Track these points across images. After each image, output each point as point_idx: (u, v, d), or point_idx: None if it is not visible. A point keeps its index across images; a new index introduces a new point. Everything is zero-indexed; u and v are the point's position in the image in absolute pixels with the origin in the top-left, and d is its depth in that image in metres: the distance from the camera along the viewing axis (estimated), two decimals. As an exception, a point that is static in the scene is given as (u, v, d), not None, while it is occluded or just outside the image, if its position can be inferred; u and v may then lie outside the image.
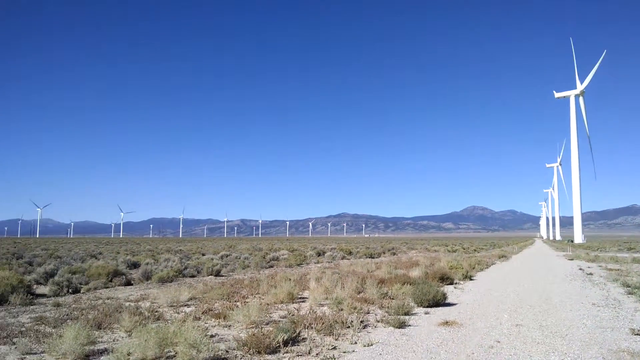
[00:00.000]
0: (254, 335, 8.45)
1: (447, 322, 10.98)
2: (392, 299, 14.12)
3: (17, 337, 9.31)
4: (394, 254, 49.19)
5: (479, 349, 8.61)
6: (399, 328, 10.40)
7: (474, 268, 26.01)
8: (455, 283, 19.64)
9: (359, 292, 14.86)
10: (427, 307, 13.17)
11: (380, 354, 8.18)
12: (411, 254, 46.52)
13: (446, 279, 19.28)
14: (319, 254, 42.39)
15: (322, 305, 13.25)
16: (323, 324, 10.00)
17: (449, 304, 13.89)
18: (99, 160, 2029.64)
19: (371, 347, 8.71)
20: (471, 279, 21.50)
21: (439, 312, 12.56)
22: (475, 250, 58.85)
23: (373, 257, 41.17)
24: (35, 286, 18.06)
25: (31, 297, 15.20)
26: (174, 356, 7.63)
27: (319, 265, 31.06)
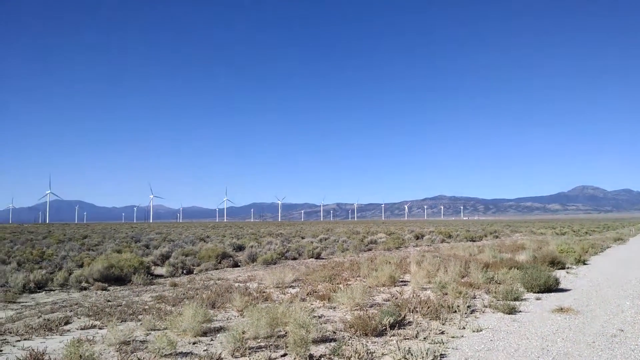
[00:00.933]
0: (359, 317, 8.51)
1: (561, 309, 10.35)
2: (499, 283, 13.57)
3: (141, 314, 10.15)
4: (497, 237, 47.27)
5: (600, 337, 8.04)
6: (509, 314, 9.97)
7: (587, 252, 24.24)
8: (567, 267, 18.45)
9: (463, 277, 14.44)
10: (538, 292, 12.49)
11: (492, 340, 7.90)
12: (515, 237, 44.44)
13: (557, 264, 18.17)
14: (417, 237, 41.81)
15: (425, 289, 13.05)
16: (428, 308, 9.85)
17: (562, 290, 13.07)
18: (204, 149, 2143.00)
19: (480, 332, 8.44)
20: (585, 264, 20.10)
21: (552, 298, 11.88)
22: (586, 232, 54.92)
23: (474, 241, 39.86)
24: (153, 267, 19.52)
25: (151, 277, 16.52)
26: (284, 335, 7.88)
27: (417, 248, 30.65)
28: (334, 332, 8.35)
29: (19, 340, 8.28)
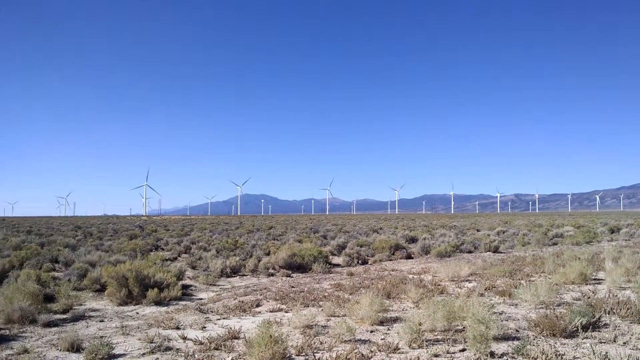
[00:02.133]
0: (546, 316, 7.88)
1: None
2: None
3: (322, 300, 10.72)
4: None
5: None
6: None
7: None
8: None
9: (673, 276, 12.48)
10: None
11: None
12: None
13: None
14: (611, 231, 37.27)
15: (623, 288, 11.57)
16: (628, 309, 8.71)
17: None
18: (376, 143, 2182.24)
19: (699, 342, 7.21)
20: None
21: None
22: None
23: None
24: (331, 257, 20.47)
25: (329, 266, 17.36)
26: (462, 330, 7.66)
27: (613, 243, 27.30)
28: (517, 330, 7.87)
29: (219, 319, 9.35)
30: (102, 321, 9.66)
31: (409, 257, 21.15)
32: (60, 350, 7.33)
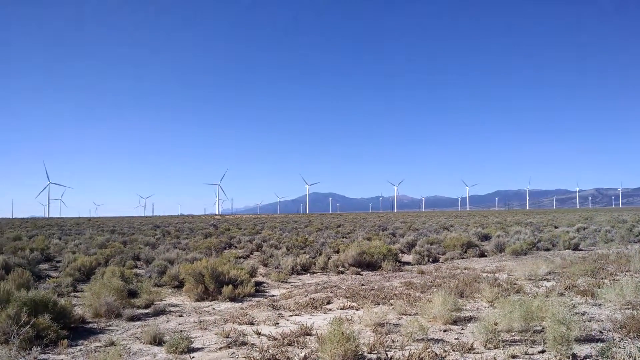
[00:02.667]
0: (632, 317, 7.42)
1: None
2: None
3: (392, 298, 10.65)
4: None
5: None
6: None
7: None
8: None
9: None
10: None
11: None
12: None
13: None
14: None
15: None
16: None
17: None
18: (447, 138, 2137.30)
19: None
20: None
21: None
22: None
23: None
24: (400, 255, 20.25)
25: (398, 264, 17.21)
26: (541, 331, 7.35)
27: None
28: (601, 332, 7.44)
29: (291, 316, 9.52)
30: (181, 316, 10.12)
31: (482, 255, 20.54)
32: (144, 344, 7.74)
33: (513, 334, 7.40)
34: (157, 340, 7.68)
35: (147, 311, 10.51)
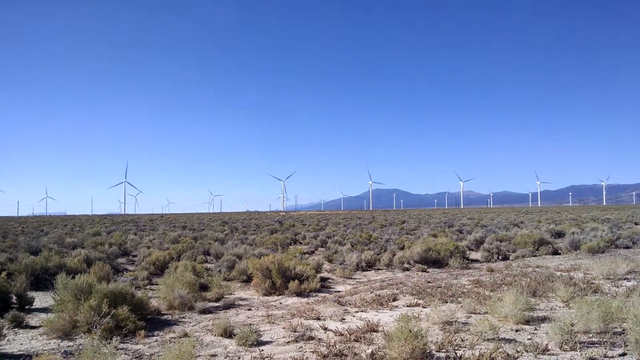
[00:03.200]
0: None
1: None
2: None
3: (460, 297, 10.40)
4: None
5: None
6: None
7: None
8: None
9: None
10: None
11: None
12: None
13: None
14: None
15: None
16: None
17: None
18: (512, 131, 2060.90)
19: None
20: None
21: None
22: None
23: None
24: (467, 252, 19.76)
25: (466, 261, 16.78)
26: (621, 333, 6.96)
27: None
28: (691, 336, 6.94)
29: (357, 312, 9.53)
30: (249, 309, 10.38)
31: (555, 253, 19.65)
32: (215, 336, 8.00)
33: (591, 335, 7.06)
34: (228, 333, 7.92)
35: (217, 304, 10.86)
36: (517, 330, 7.59)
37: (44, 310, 10.70)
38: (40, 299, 11.82)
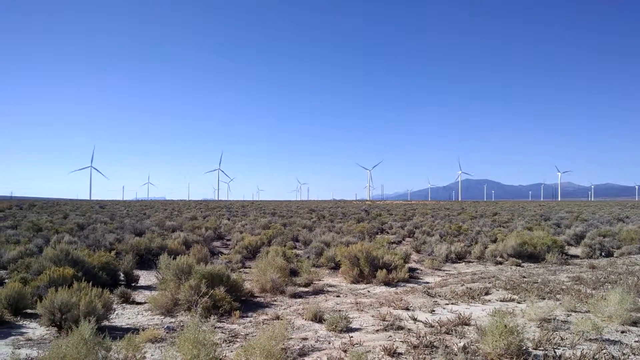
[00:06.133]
0: None
1: None
2: None
3: (559, 293, 9.87)
4: None
5: None
6: None
7: None
8: None
9: None
10: None
11: None
12: None
13: None
14: None
15: None
16: None
17: None
18: (617, 120, 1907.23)
19: None
20: None
21: None
22: None
23: None
24: (566, 247, 18.67)
25: (565, 257, 15.88)
26: None
27: None
28: None
29: (447, 304, 9.36)
30: (338, 296, 10.54)
31: (667, 251, 18.07)
32: (305, 320, 8.22)
33: None
34: (318, 318, 8.10)
35: (307, 289, 11.14)
36: (622, 332, 7.08)
37: (148, 288, 11.55)
38: (145, 277, 12.76)
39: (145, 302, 9.77)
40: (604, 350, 6.03)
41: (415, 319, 8.00)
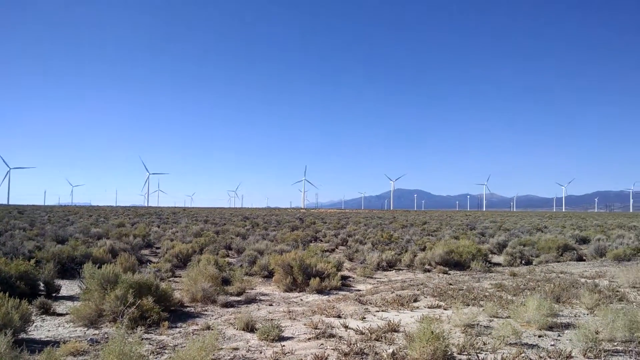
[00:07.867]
0: None
1: None
2: None
3: (482, 300, 10.34)
4: None
5: None
6: None
7: None
8: None
9: None
10: None
11: None
12: None
13: None
14: None
15: None
16: None
17: None
18: (539, 136, 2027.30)
19: None
20: None
21: None
22: None
23: None
24: (490, 255, 19.57)
25: (488, 265, 16.64)
26: (648, 343, 6.85)
27: None
28: None
29: (377, 311, 9.55)
30: (271, 305, 10.49)
31: (579, 259, 19.35)
32: (237, 329, 8.11)
33: (616, 343, 6.97)
34: (250, 327, 8.02)
35: (239, 299, 10.99)
36: (540, 336, 7.52)
37: (71, 298, 10.98)
38: (67, 287, 12.11)
39: (67, 313, 9.26)
40: (523, 354, 6.39)
41: (346, 327, 8.10)
